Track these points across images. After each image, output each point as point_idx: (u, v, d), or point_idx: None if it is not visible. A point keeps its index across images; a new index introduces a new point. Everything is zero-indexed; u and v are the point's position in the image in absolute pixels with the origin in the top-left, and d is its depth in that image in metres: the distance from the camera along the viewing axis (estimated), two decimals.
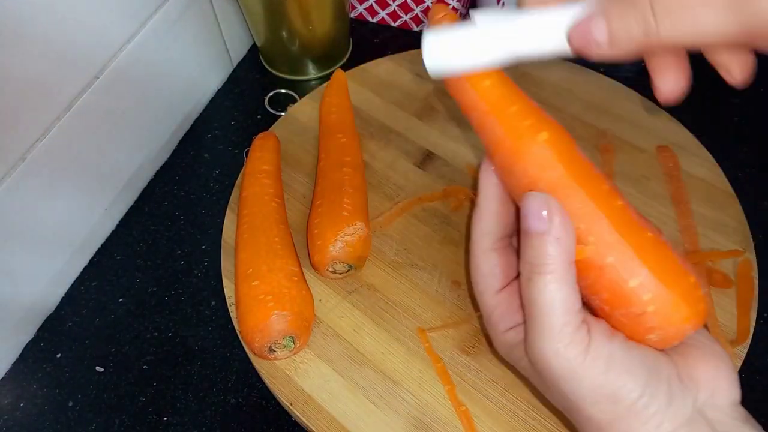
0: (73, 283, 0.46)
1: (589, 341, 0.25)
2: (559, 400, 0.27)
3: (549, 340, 0.25)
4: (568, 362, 0.24)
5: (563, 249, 0.25)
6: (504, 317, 0.29)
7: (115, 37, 0.43)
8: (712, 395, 0.25)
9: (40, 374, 0.42)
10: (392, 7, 0.59)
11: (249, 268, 0.38)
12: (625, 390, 0.24)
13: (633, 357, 0.25)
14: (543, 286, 0.25)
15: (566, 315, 0.25)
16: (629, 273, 0.25)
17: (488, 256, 0.29)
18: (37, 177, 0.40)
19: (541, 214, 0.25)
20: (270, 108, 0.56)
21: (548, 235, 0.24)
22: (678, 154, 0.46)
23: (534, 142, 0.27)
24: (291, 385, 0.38)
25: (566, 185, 0.26)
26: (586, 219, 0.25)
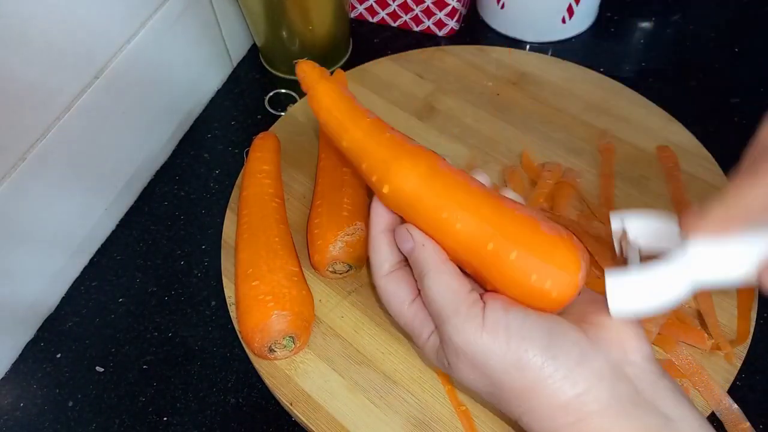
0: (73, 283, 0.46)
1: (484, 315, 0.27)
2: (482, 384, 0.28)
3: (449, 322, 0.28)
4: (470, 336, 0.27)
5: (431, 251, 0.30)
6: (423, 325, 0.31)
7: (115, 37, 0.43)
8: (625, 352, 0.27)
9: (40, 374, 0.42)
10: (392, 7, 0.59)
11: (249, 268, 0.38)
12: (527, 356, 0.26)
13: (531, 324, 0.27)
14: (430, 284, 0.29)
15: (455, 297, 0.28)
16: (504, 251, 0.28)
17: (391, 279, 0.32)
18: (37, 177, 0.40)
19: (405, 239, 0.30)
20: (270, 108, 0.56)
21: (415, 247, 0.30)
22: (678, 154, 0.46)
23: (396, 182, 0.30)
24: (291, 385, 0.38)
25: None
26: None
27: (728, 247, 0.25)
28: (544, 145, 0.48)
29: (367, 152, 0.31)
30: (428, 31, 0.60)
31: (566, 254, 0.28)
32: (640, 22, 0.60)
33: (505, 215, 0.29)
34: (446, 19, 0.58)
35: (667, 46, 0.58)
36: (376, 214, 0.33)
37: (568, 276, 0.27)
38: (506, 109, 0.51)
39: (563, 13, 0.56)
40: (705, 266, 0.26)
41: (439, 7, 0.57)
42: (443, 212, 0.29)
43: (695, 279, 0.26)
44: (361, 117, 0.32)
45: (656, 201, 0.44)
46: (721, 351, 0.37)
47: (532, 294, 0.28)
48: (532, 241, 0.28)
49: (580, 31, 0.59)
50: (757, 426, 0.36)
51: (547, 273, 0.27)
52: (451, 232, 0.29)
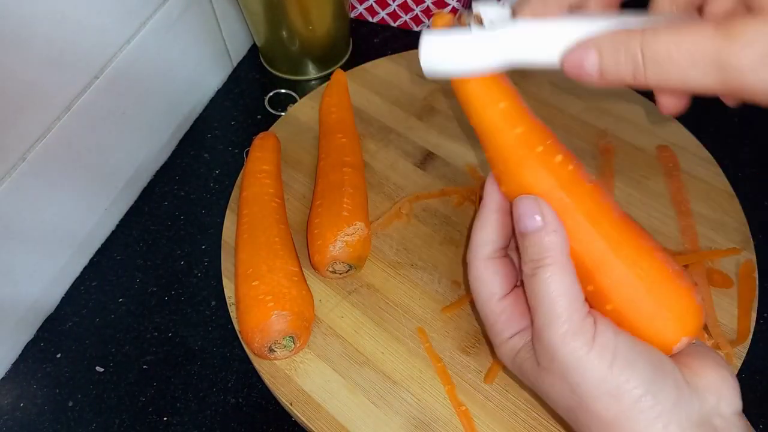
0: (73, 283, 0.46)
1: (595, 332, 0.25)
2: (564, 398, 0.27)
3: (557, 328, 0.25)
4: (574, 350, 0.25)
5: (559, 241, 0.26)
6: (508, 323, 0.29)
7: (115, 37, 0.43)
8: (718, 403, 0.26)
9: (40, 374, 0.42)
10: (392, 7, 0.59)
11: (249, 268, 0.38)
12: (628, 385, 0.25)
13: (637, 353, 0.25)
14: (547, 278, 0.26)
15: (572, 303, 0.26)
16: (624, 293, 0.26)
17: (489, 264, 0.30)
18: (38, 177, 0.40)
19: (535, 213, 0.26)
20: (270, 108, 0.56)
21: (544, 230, 0.26)
22: (678, 154, 0.46)
23: (533, 162, 0.28)
24: (291, 385, 0.38)
25: (565, 207, 0.27)
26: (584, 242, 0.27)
27: (543, 29, 0.26)
28: None
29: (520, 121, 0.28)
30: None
31: (689, 309, 0.27)
32: None
33: (642, 253, 0.27)
34: None
35: None
36: (492, 191, 0.30)
37: (683, 331, 0.27)
38: None
39: None
40: (517, 41, 0.26)
41: (439, 7, 0.57)
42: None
43: (506, 51, 0.26)
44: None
45: (656, 201, 0.44)
46: (721, 351, 0.37)
47: (643, 331, 0.27)
48: (660, 289, 0.26)
49: None
50: (757, 426, 0.36)
51: (665, 322, 0.26)
52: (578, 251, 0.27)
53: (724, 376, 0.26)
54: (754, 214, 0.43)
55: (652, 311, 0.26)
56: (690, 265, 0.40)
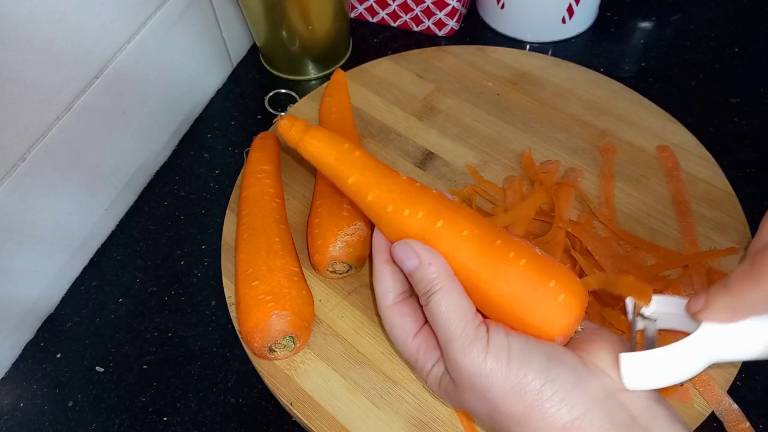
0: (73, 283, 0.46)
1: (489, 338, 0.28)
2: (481, 408, 0.28)
3: (455, 342, 0.28)
4: (473, 359, 0.27)
5: (440, 269, 0.29)
6: (426, 356, 0.31)
7: (115, 37, 0.43)
8: (618, 379, 0.27)
9: (40, 374, 0.42)
10: (392, 7, 0.59)
11: (249, 268, 0.38)
12: (527, 379, 0.27)
13: (530, 349, 0.28)
14: (437, 301, 0.29)
15: (463, 317, 0.28)
16: (496, 290, 0.29)
17: (395, 310, 0.32)
18: (37, 177, 0.40)
19: (410, 255, 0.30)
20: (270, 108, 0.56)
21: (422, 264, 0.29)
22: (678, 153, 0.46)
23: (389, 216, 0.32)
24: (291, 385, 0.38)
25: (428, 232, 0.31)
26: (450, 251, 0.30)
27: (738, 329, 0.27)
28: (544, 145, 0.48)
29: (369, 188, 0.32)
30: (428, 31, 0.60)
31: (568, 298, 0.29)
32: (640, 22, 0.60)
33: (503, 253, 0.30)
34: (446, 19, 0.58)
35: (667, 46, 0.58)
36: (378, 244, 0.33)
37: (567, 318, 0.29)
38: (506, 109, 0.51)
39: (563, 13, 0.56)
40: (716, 346, 0.27)
41: (439, 7, 0.57)
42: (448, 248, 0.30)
43: (707, 358, 0.27)
44: (354, 158, 0.33)
45: (656, 201, 0.44)
46: None
47: (531, 328, 0.29)
48: (535, 281, 0.29)
49: (580, 31, 0.59)
50: (757, 426, 0.36)
51: (547, 315, 0.29)
52: (456, 263, 0.30)
53: (619, 351, 0.28)
54: (754, 214, 0.43)
55: (533, 303, 0.29)
56: (690, 265, 0.40)
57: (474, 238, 0.30)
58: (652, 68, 0.56)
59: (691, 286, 0.39)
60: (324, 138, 0.33)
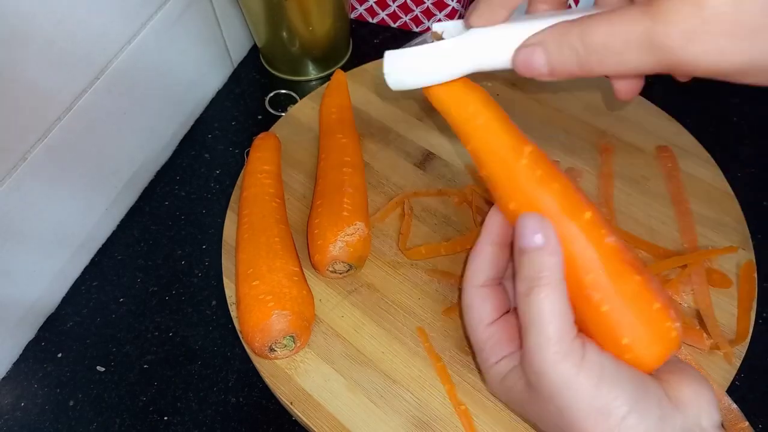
0: (74, 283, 0.46)
1: (584, 353, 0.26)
2: (553, 419, 0.27)
3: (549, 349, 0.26)
4: (564, 372, 0.26)
5: (557, 262, 0.27)
6: (495, 348, 0.30)
7: (116, 37, 0.44)
8: (698, 417, 0.26)
9: (41, 374, 0.42)
10: (392, 8, 0.59)
11: (249, 267, 0.39)
12: (615, 403, 0.25)
13: (622, 372, 0.26)
14: (542, 298, 0.26)
15: (563, 325, 0.26)
16: (605, 306, 0.27)
17: (479, 291, 0.31)
18: (38, 177, 0.40)
19: (536, 231, 0.27)
20: (270, 108, 0.56)
21: (544, 249, 0.27)
22: (678, 154, 0.46)
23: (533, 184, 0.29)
24: (291, 385, 0.38)
25: (559, 220, 0.28)
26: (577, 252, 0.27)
27: (493, 33, 0.27)
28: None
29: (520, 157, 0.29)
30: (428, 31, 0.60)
31: (667, 331, 0.27)
32: None
33: (625, 276, 0.27)
34: (446, 19, 0.58)
35: None
36: (492, 224, 0.31)
37: (661, 351, 0.27)
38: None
39: None
40: (471, 48, 0.28)
41: (438, 8, 0.57)
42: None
43: (463, 57, 0.28)
44: None
45: (656, 201, 0.44)
46: (720, 350, 0.37)
47: (624, 350, 0.27)
48: (643, 310, 0.27)
49: None
50: (756, 426, 0.36)
51: (644, 344, 0.27)
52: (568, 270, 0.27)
53: (703, 390, 0.27)
54: (753, 214, 0.43)
55: (633, 332, 0.27)
56: (689, 265, 0.40)
57: (611, 249, 0.27)
58: None
59: (690, 285, 0.39)
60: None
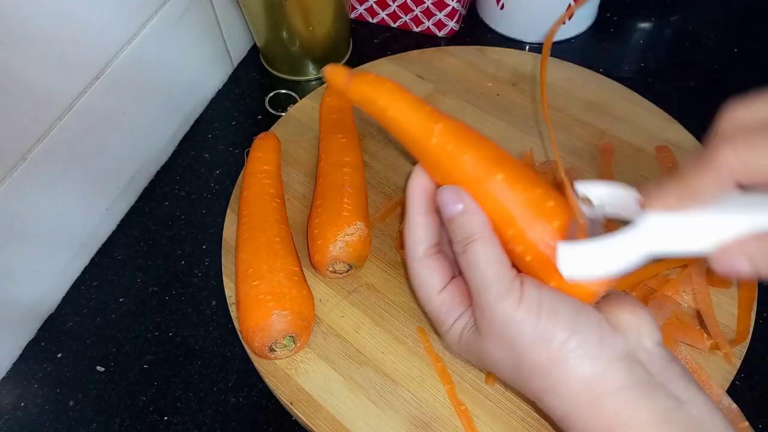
0: (74, 283, 0.46)
1: (522, 290, 0.28)
2: (506, 358, 0.29)
3: (489, 291, 0.28)
4: (506, 308, 0.28)
5: (481, 220, 0.30)
6: (449, 312, 0.32)
7: (116, 37, 0.44)
8: (639, 338, 0.28)
9: (41, 374, 0.42)
10: (392, 8, 0.59)
11: (249, 267, 0.39)
12: (555, 330, 0.27)
13: (560, 302, 0.28)
14: (475, 250, 0.29)
15: (500, 269, 0.29)
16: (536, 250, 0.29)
17: (423, 263, 0.32)
18: (38, 177, 0.40)
19: (455, 201, 0.30)
20: (270, 108, 0.56)
21: (465, 212, 0.30)
22: (677, 154, 0.46)
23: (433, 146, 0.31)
24: (291, 385, 0.38)
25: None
26: None
27: (684, 222, 0.26)
28: (544, 145, 0.48)
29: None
30: (428, 31, 0.60)
31: None
32: (640, 22, 0.60)
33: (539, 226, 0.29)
34: (446, 19, 0.58)
35: (667, 46, 0.58)
36: (415, 194, 0.32)
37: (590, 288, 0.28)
38: (506, 110, 0.51)
39: None
40: (659, 237, 0.26)
41: (438, 8, 0.57)
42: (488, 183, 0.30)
43: (649, 249, 0.27)
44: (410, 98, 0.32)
45: None
46: (720, 351, 0.37)
47: (563, 286, 0.29)
48: None
49: (580, 32, 0.59)
50: (756, 425, 0.36)
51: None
52: (496, 207, 0.29)
53: (640, 313, 0.29)
54: None
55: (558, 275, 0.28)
56: (689, 265, 0.40)
57: (527, 202, 0.29)
58: (651, 68, 0.56)
59: (690, 285, 0.39)
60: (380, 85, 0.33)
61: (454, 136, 0.31)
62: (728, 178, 0.24)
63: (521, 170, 0.30)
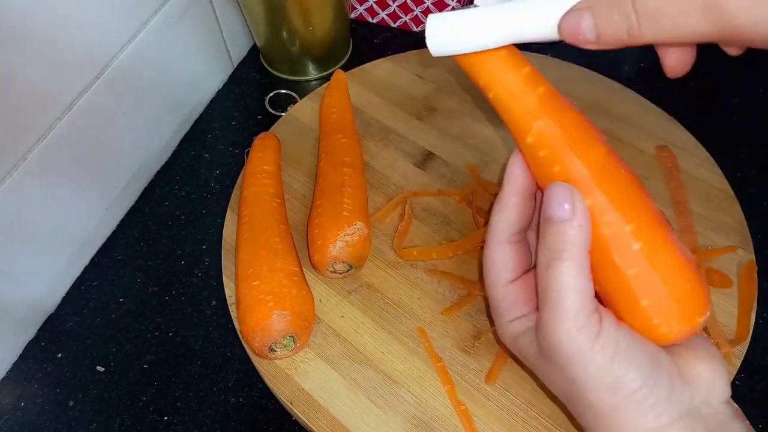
0: (74, 283, 0.46)
1: (600, 328, 0.26)
2: (562, 386, 0.28)
3: (564, 323, 0.26)
4: (579, 345, 0.25)
5: (583, 237, 0.26)
6: (511, 308, 0.30)
7: (116, 37, 0.44)
8: (708, 394, 0.26)
9: (41, 374, 0.42)
10: (392, 8, 0.59)
11: (249, 267, 0.39)
12: (626, 378, 0.25)
13: (637, 347, 0.26)
14: (564, 271, 0.26)
15: (582, 300, 0.26)
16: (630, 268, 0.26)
17: (503, 248, 0.30)
18: (38, 177, 0.40)
19: (565, 202, 0.26)
20: (270, 108, 0.56)
21: (570, 222, 0.26)
22: (677, 154, 0.46)
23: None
24: (291, 385, 0.38)
25: (590, 186, 0.26)
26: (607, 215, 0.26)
27: (541, 3, 0.26)
28: None
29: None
30: None
31: (697, 303, 0.26)
32: None
33: (658, 236, 0.27)
34: None
35: None
36: (515, 174, 0.29)
37: (688, 326, 0.26)
38: None
39: None
40: (516, 13, 0.26)
41: (438, 8, 0.57)
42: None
43: (507, 24, 0.26)
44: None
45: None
46: (720, 351, 0.37)
47: (645, 326, 0.27)
48: (673, 277, 0.26)
49: None
50: (757, 426, 0.36)
51: (671, 317, 0.26)
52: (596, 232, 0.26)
53: (716, 367, 0.27)
54: (753, 214, 0.43)
55: (660, 300, 0.26)
56: None
57: (644, 210, 0.27)
58: (651, 68, 0.56)
59: None
60: None
61: (552, 139, 0.27)
62: None
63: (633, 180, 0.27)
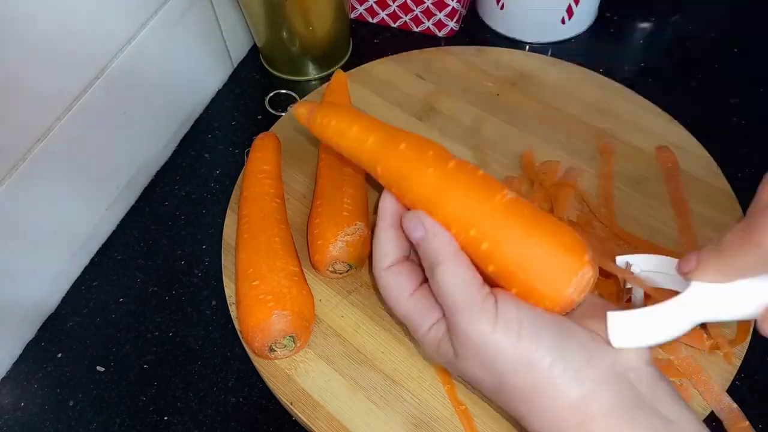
0: (74, 283, 0.46)
1: (497, 310, 0.27)
2: (486, 381, 0.28)
3: (461, 314, 0.28)
4: (481, 331, 0.27)
5: (445, 241, 0.29)
6: (422, 317, 0.31)
7: (116, 37, 0.44)
8: (628, 356, 0.27)
9: (41, 374, 0.42)
10: (392, 8, 0.59)
11: (249, 267, 0.39)
12: (538, 354, 0.26)
13: (541, 322, 0.27)
14: (442, 273, 0.28)
15: (469, 288, 0.28)
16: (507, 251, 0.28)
17: (390, 271, 0.32)
18: (38, 177, 0.40)
19: (416, 227, 0.30)
20: (270, 108, 0.56)
21: (428, 237, 0.29)
22: (677, 154, 0.46)
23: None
24: (291, 385, 0.38)
25: (430, 207, 0.30)
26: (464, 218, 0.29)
27: (728, 290, 0.26)
28: (543, 145, 0.48)
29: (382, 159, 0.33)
30: (428, 31, 0.60)
31: (570, 249, 0.28)
32: (640, 22, 0.60)
33: (506, 224, 0.29)
34: (446, 19, 0.58)
35: (667, 46, 0.58)
36: (385, 208, 0.33)
37: (579, 268, 0.27)
38: (506, 110, 0.51)
39: (563, 14, 0.56)
40: (705, 306, 0.27)
41: (438, 8, 0.57)
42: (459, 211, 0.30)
43: (695, 317, 0.27)
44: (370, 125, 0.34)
45: (656, 201, 0.44)
46: (720, 351, 0.37)
47: (538, 291, 0.28)
48: (543, 234, 0.28)
49: (580, 32, 0.59)
50: (757, 425, 0.36)
51: (555, 279, 0.27)
52: (464, 233, 0.29)
53: None
54: None
55: (542, 269, 0.28)
56: None
57: (501, 208, 0.29)
58: (651, 68, 0.56)
59: None
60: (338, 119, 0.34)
61: (394, 174, 0.32)
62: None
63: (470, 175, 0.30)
